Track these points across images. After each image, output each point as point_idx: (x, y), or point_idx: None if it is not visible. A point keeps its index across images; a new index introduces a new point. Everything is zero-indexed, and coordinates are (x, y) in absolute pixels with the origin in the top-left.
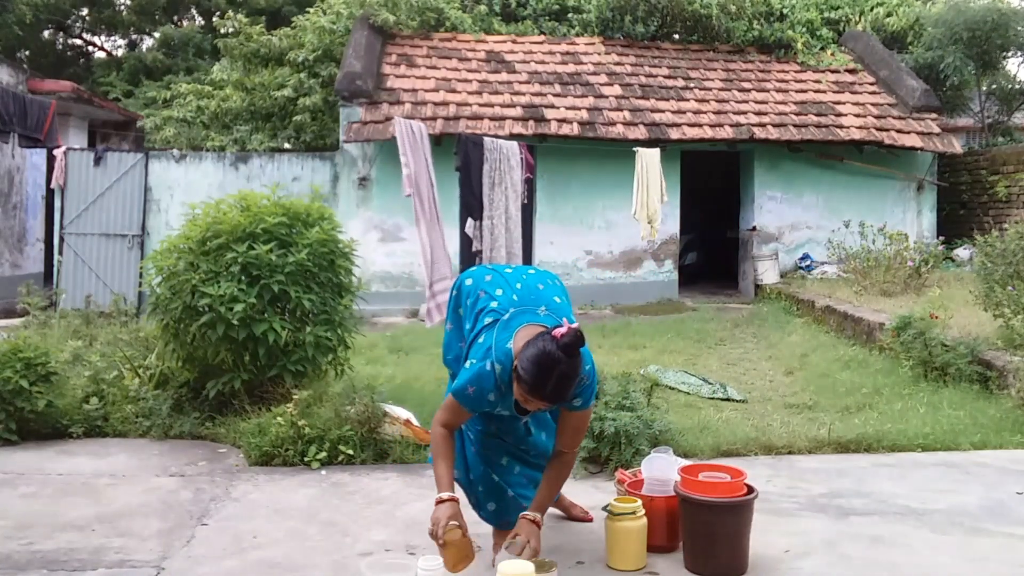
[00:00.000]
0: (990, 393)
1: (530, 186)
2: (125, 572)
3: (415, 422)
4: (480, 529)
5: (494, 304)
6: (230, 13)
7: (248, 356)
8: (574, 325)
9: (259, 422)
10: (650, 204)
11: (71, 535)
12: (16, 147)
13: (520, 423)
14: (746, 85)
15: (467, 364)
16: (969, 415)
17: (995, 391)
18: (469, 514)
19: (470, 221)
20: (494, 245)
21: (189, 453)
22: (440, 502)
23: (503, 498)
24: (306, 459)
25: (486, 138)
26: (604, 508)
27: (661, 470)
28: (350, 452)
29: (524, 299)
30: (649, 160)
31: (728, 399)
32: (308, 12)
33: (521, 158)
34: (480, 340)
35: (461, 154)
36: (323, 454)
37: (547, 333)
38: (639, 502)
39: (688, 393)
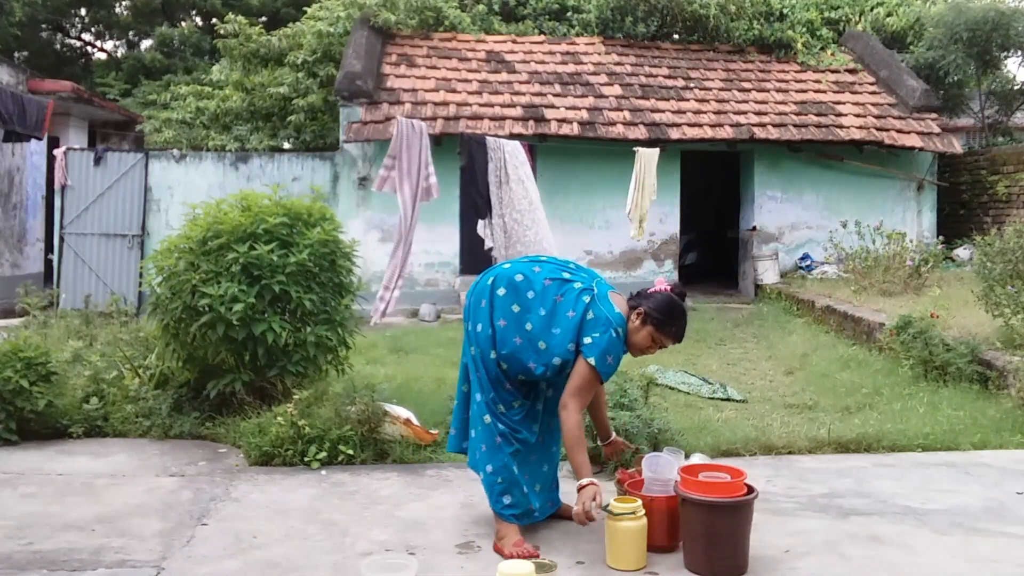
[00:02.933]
0: (990, 393)
1: None
2: (125, 572)
3: (415, 421)
4: (480, 529)
5: (577, 284)
6: (230, 16)
7: (248, 356)
8: (672, 280)
9: (259, 422)
10: (643, 204)
11: (71, 535)
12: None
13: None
14: (746, 85)
15: (586, 340)
16: (969, 415)
17: (995, 391)
18: (473, 515)
19: (480, 221)
20: (509, 242)
21: (189, 453)
22: (587, 485)
23: (518, 492)
24: (306, 459)
25: (488, 137)
26: (604, 508)
27: (661, 470)
28: (350, 452)
29: (587, 274)
30: (648, 160)
31: (728, 399)
32: (307, 11)
33: (524, 157)
34: (590, 316)
35: (465, 154)
36: (323, 454)
37: (649, 292)
38: (639, 502)
39: (688, 393)
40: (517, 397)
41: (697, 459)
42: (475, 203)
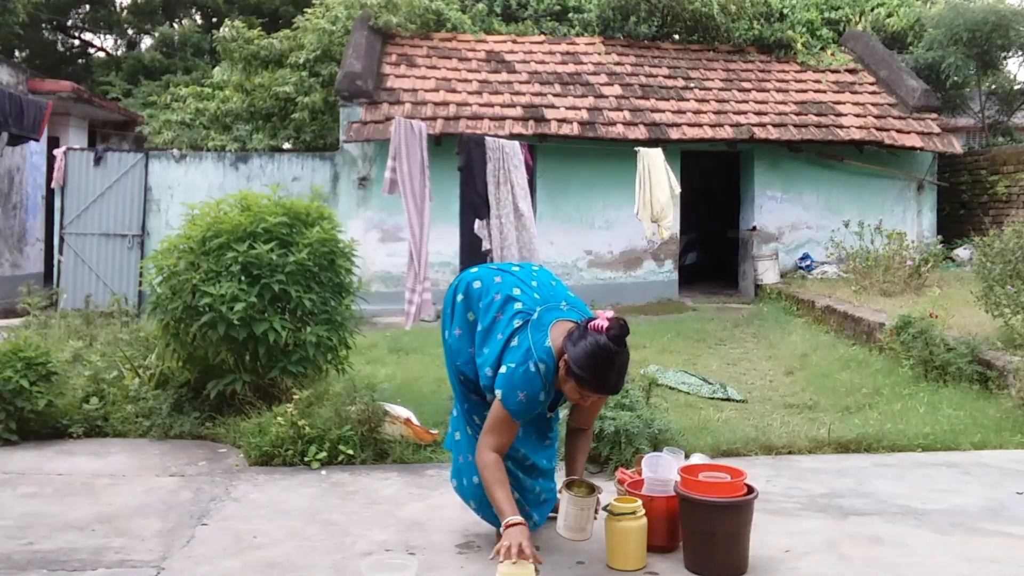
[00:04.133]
0: (990, 393)
1: (530, 187)
2: (125, 572)
3: (415, 421)
4: (480, 529)
5: (518, 305)
6: (227, 21)
7: (248, 356)
8: (614, 315)
9: (259, 422)
10: (654, 204)
11: (71, 535)
12: (3, 145)
13: (546, 420)
14: (746, 85)
15: (502, 370)
16: (969, 415)
17: (995, 391)
18: (473, 515)
19: (478, 221)
20: (504, 244)
21: (189, 453)
22: (511, 525)
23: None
24: (306, 459)
25: (487, 137)
26: (604, 508)
27: (661, 470)
28: (350, 452)
29: (545, 296)
30: (652, 159)
31: (728, 399)
32: (307, 12)
33: (521, 158)
34: (514, 343)
35: (464, 154)
36: (323, 454)
37: (585, 328)
38: (639, 502)
39: (688, 393)
40: (487, 407)
41: (697, 459)
42: (473, 203)
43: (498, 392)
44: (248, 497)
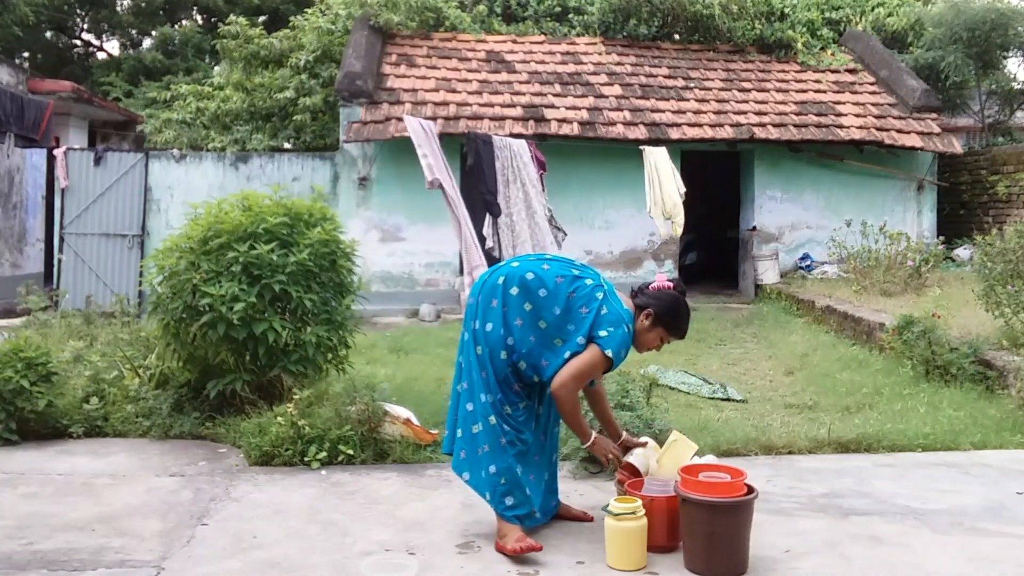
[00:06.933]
0: (991, 393)
1: (542, 181)
2: (125, 572)
3: (415, 421)
4: (480, 529)
5: (589, 281)
6: (231, 18)
7: (249, 356)
8: (670, 277)
9: (259, 422)
10: (666, 201)
11: (71, 535)
12: (12, 147)
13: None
14: (746, 85)
15: (602, 333)
16: (969, 415)
17: (996, 391)
18: (473, 515)
19: (488, 219)
20: (516, 242)
21: (189, 453)
22: (595, 440)
23: (520, 493)
24: (306, 459)
25: (495, 136)
26: (604, 508)
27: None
28: (350, 452)
29: (594, 272)
30: (658, 157)
31: (728, 399)
32: (307, 12)
33: (532, 155)
34: (604, 312)
35: (472, 153)
36: (323, 454)
37: (657, 289)
38: (639, 502)
39: (688, 393)
40: (523, 398)
41: (709, 460)
42: (485, 202)
43: (608, 351)
44: (248, 497)
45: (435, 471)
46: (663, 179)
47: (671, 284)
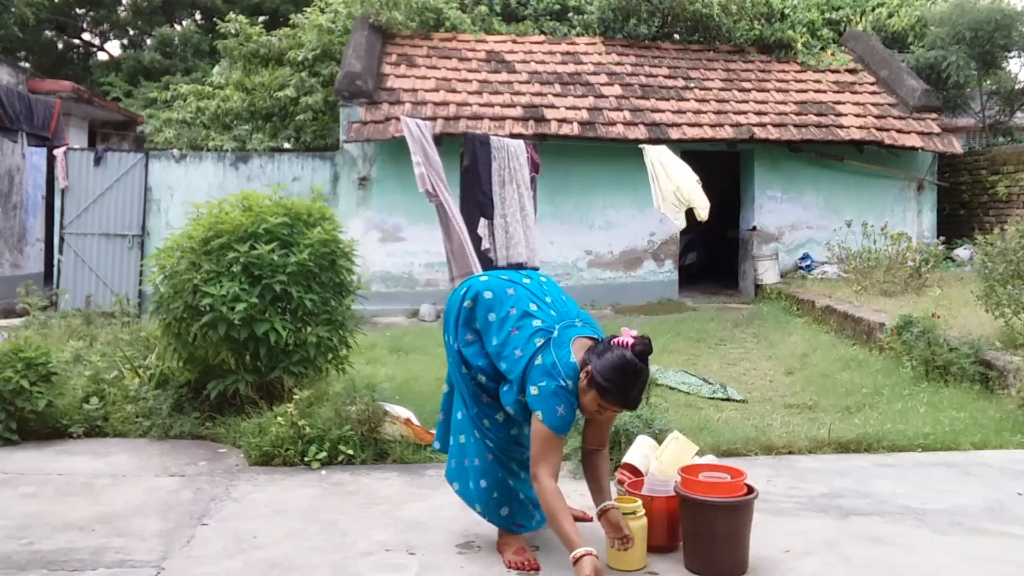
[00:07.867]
0: (991, 393)
1: (534, 184)
2: (125, 572)
3: (415, 421)
4: (480, 529)
5: (537, 323)
6: (231, 15)
7: (249, 356)
8: (638, 334)
9: (259, 422)
10: (681, 188)
11: (71, 535)
12: (25, 146)
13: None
14: (746, 85)
15: (533, 391)
16: (969, 415)
17: (996, 391)
18: (473, 515)
19: (483, 220)
20: (509, 243)
21: (189, 453)
22: (581, 557)
23: (515, 502)
24: (306, 459)
25: (492, 136)
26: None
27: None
28: (350, 452)
29: (560, 313)
30: (658, 154)
31: (728, 399)
32: (306, 11)
33: (528, 156)
34: (538, 362)
35: (468, 153)
36: (323, 454)
37: (609, 343)
38: (639, 502)
39: (688, 393)
40: (498, 409)
41: (709, 460)
42: (479, 203)
43: (538, 415)
44: (248, 497)
45: (435, 471)
46: (669, 171)
47: (631, 342)
